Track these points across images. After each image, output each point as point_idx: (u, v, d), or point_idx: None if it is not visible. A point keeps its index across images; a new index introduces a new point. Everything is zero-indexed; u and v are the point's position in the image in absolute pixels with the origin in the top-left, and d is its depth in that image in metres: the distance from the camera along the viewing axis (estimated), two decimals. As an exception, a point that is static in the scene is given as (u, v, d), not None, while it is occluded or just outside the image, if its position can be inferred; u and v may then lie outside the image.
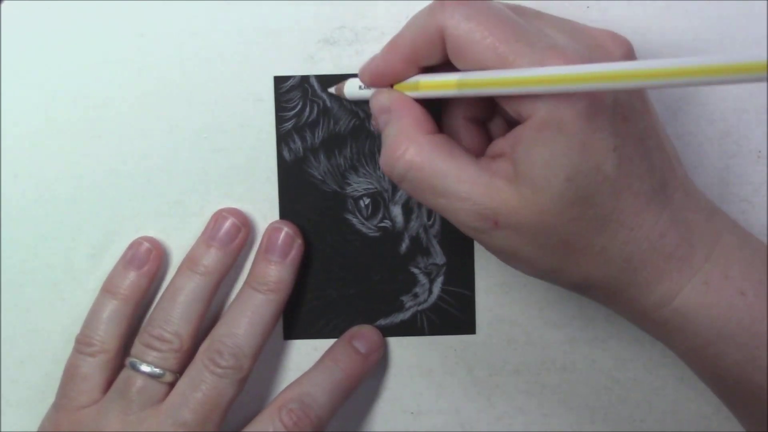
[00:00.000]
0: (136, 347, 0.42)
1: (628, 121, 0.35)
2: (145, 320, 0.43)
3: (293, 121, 0.43)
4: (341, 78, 0.42)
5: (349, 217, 0.44)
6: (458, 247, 0.44)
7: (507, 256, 0.37)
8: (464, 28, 0.35)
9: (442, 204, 0.36)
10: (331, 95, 0.43)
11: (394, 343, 0.45)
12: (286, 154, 0.43)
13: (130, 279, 0.43)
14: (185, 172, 0.43)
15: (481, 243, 0.37)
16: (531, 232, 0.35)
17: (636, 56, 0.37)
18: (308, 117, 0.43)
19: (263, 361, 0.44)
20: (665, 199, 0.36)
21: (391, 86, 0.39)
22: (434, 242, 0.44)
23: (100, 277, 0.44)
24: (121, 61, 0.43)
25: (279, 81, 0.43)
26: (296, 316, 0.44)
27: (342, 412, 0.43)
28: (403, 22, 0.40)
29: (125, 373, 0.42)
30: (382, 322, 0.44)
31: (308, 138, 0.43)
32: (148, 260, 0.43)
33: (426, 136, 0.36)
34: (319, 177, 0.43)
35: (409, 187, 0.37)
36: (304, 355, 0.44)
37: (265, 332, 0.42)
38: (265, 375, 0.45)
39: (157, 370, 0.41)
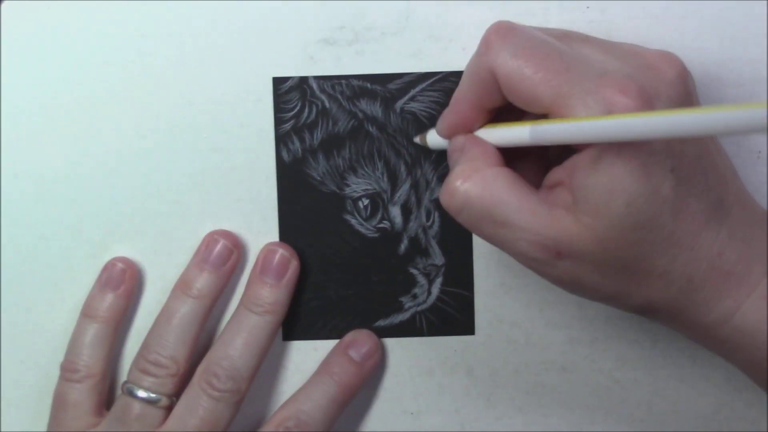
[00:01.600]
0: (133, 373, 0.42)
1: (684, 141, 0.35)
2: (141, 345, 0.43)
3: (292, 122, 0.43)
4: (340, 79, 0.42)
5: (348, 218, 0.44)
6: (457, 247, 0.44)
7: (570, 286, 0.37)
8: (513, 66, 0.34)
9: (503, 235, 0.36)
10: (330, 96, 0.43)
11: (394, 343, 0.45)
12: (284, 154, 0.43)
13: (108, 301, 0.43)
14: (184, 173, 0.43)
15: (543, 274, 0.37)
16: (593, 260, 0.35)
17: (689, 75, 0.36)
18: (307, 118, 0.43)
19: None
20: (722, 216, 0.36)
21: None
22: (433, 243, 0.44)
23: (100, 277, 0.44)
24: (121, 61, 0.43)
25: (278, 82, 0.43)
26: (295, 317, 0.44)
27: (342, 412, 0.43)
28: (402, 22, 0.40)
29: (122, 399, 0.42)
30: (381, 323, 0.44)
31: (307, 139, 0.43)
32: (124, 280, 0.43)
33: (490, 168, 0.36)
34: (318, 178, 0.43)
35: (467, 217, 0.36)
36: (304, 355, 0.44)
37: (261, 353, 0.42)
38: (265, 375, 0.45)
39: (154, 396, 0.41)
